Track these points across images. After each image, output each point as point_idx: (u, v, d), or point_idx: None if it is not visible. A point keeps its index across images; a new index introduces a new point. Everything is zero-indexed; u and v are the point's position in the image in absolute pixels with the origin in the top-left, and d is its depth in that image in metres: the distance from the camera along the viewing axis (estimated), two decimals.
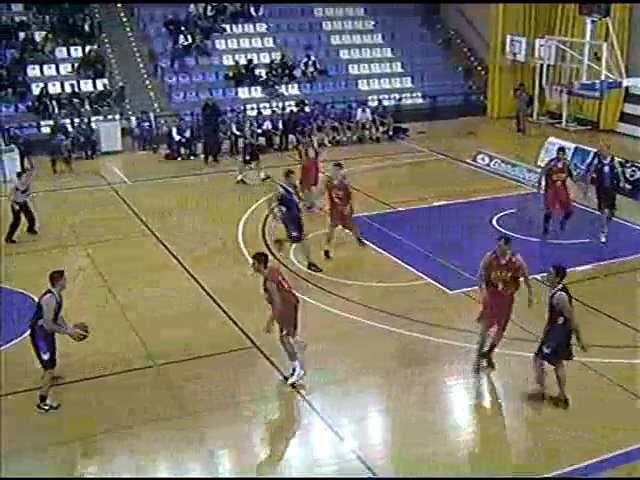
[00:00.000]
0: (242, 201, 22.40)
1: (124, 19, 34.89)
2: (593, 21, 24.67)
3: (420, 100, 34.87)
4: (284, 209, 17.37)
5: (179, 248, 18.77)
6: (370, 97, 33.20)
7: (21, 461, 11.05)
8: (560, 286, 12.00)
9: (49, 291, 12.13)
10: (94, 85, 31.10)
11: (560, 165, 19.28)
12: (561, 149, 20.08)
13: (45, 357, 12.09)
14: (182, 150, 28.15)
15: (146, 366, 13.51)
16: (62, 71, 31.41)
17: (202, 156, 27.77)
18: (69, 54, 32.05)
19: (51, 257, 18.16)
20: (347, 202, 18.06)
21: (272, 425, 12.00)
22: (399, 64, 36.13)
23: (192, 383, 12.96)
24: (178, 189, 24.16)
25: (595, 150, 24.43)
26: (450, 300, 16.19)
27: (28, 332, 12.32)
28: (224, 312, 15.45)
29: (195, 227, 20.43)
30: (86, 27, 32.93)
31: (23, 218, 19.86)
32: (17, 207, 19.69)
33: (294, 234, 17.34)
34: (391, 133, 31.07)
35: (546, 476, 10.61)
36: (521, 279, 13.05)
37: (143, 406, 12.27)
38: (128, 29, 34.55)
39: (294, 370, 12.87)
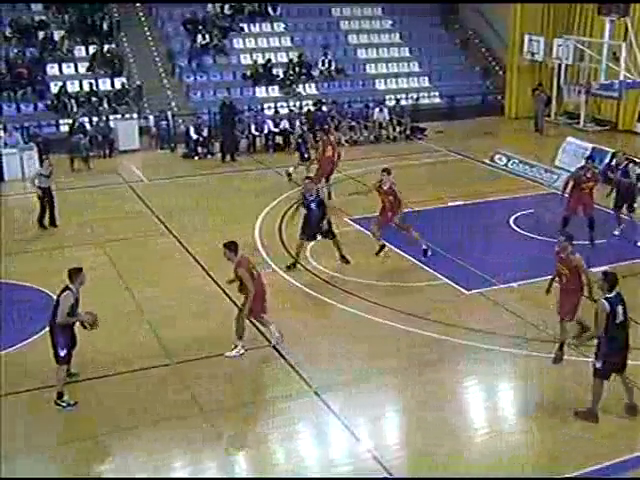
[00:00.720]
0: (259, 200, 22.42)
1: (142, 18, 35.04)
2: (612, 21, 24.54)
3: (438, 100, 34.83)
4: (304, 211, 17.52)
5: (196, 246, 18.82)
6: (387, 97, 33.20)
7: (34, 459, 11.11)
8: (608, 294, 11.53)
9: (67, 287, 12.19)
10: (112, 84, 31.24)
11: (589, 175, 19.04)
12: (589, 158, 19.90)
13: (62, 353, 12.16)
14: (200, 149, 28.21)
15: (163, 364, 13.54)
16: (81, 70, 31.57)
17: (219, 155, 27.83)
18: (87, 53, 32.18)
19: (68, 255, 18.26)
20: (397, 207, 17.98)
21: (288, 425, 11.98)
22: (416, 64, 36.10)
23: (208, 382, 12.99)
24: (195, 188, 24.23)
25: (613, 151, 24.42)
26: (467, 300, 16.16)
27: (47, 328, 12.39)
28: (240, 311, 15.42)
29: (212, 226, 20.45)
30: (105, 26, 33.08)
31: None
32: (40, 192, 20.17)
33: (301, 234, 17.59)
34: (408, 133, 31.04)
35: (564, 476, 10.57)
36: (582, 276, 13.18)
37: (159, 404, 12.31)
38: (146, 28, 34.68)
39: (235, 347, 13.71)
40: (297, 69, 33.51)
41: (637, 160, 21.20)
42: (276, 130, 29.38)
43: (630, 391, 12.01)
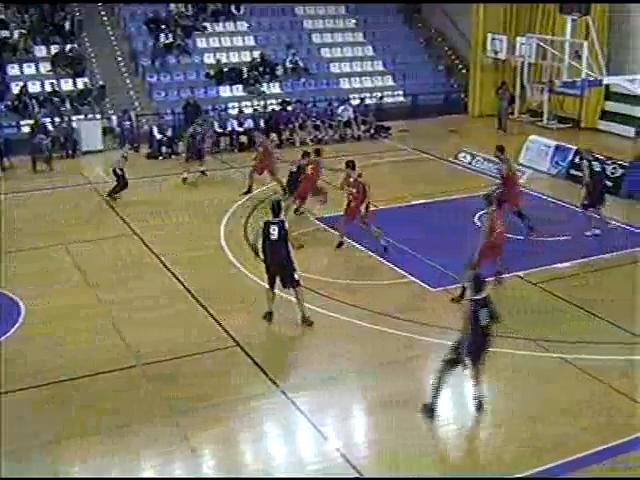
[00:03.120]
0: (224, 199, 22.33)
1: (104, 18, 34.71)
2: (573, 20, 24.76)
3: (402, 98, 34.90)
4: None
5: (161, 247, 18.69)
6: (352, 95, 33.22)
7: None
8: (475, 296, 11.64)
9: None
10: (74, 84, 30.91)
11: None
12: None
13: None
14: (163, 149, 28.05)
15: (129, 366, 13.43)
16: (42, 70, 31.20)
17: (184, 155, 27.64)
18: (49, 53, 31.82)
19: (31, 257, 18.07)
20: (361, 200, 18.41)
21: (256, 425, 11.94)
22: (380, 62, 36.15)
23: (175, 383, 12.91)
24: (160, 188, 24.06)
25: (576, 148, 24.66)
26: (433, 298, 16.21)
27: None
28: (207, 311, 15.39)
29: (177, 226, 20.35)
30: (66, 26, 32.71)
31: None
32: (120, 172, 22.28)
33: None
34: (373, 132, 31.08)
35: (529, 474, 10.62)
36: None
37: (127, 406, 12.20)
38: (109, 28, 34.35)
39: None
40: (261, 68, 33.39)
41: (598, 156, 21.41)
42: (240, 129, 29.32)
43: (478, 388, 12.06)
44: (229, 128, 29.37)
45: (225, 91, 32.53)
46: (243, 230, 20.00)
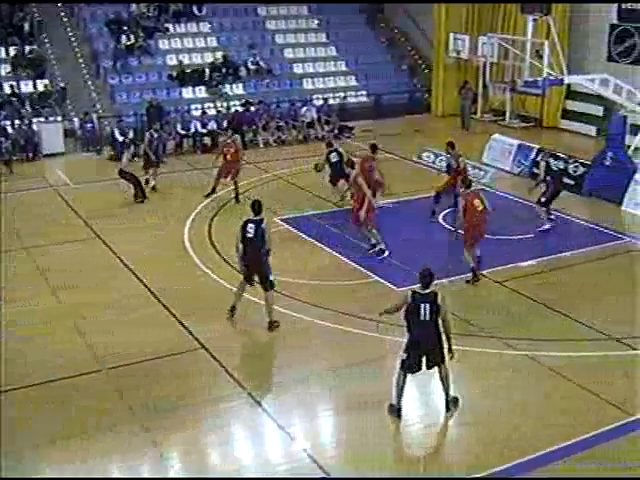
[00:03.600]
0: (187, 201, 22.22)
1: (64, 19, 34.33)
2: (534, 19, 24.94)
3: (365, 99, 34.94)
4: None
5: (124, 250, 18.53)
6: (315, 96, 33.20)
7: None
8: (420, 290, 11.76)
9: None
10: (35, 86, 30.54)
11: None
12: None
13: None
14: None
15: (94, 370, 13.29)
16: (1, 72, 30.80)
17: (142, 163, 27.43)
18: (8, 54, 31.40)
19: None
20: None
21: (223, 427, 11.89)
22: (343, 63, 36.16)
23: (141, 387, 12.80)
24: (123, 190, 23.83)
25: (538, 147, 24.85)
26: (398, 297, 16.15)
27: None
28: (171, 314, 15.28)
29: (141, 228, 20.21)
30: (26, 27, 32.31)
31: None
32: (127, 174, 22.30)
33: None
34: (336, 132, 31.06)
35: (488, 473, 10.66)
36: None
37: (92, 411, 12.06)
38: (69, 29, 33.98)
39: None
40: (223, 69, 33.25)
41: (559, 155, 21.65)
42: (204, 131, 29.18)
43: (446, 387, 12.03)
44: (192, 130, 29.21)
45: (188, 92, 32.33)
46: (207, 232, 19.91)
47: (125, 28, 33.39)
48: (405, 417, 12.13)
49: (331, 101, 32.79)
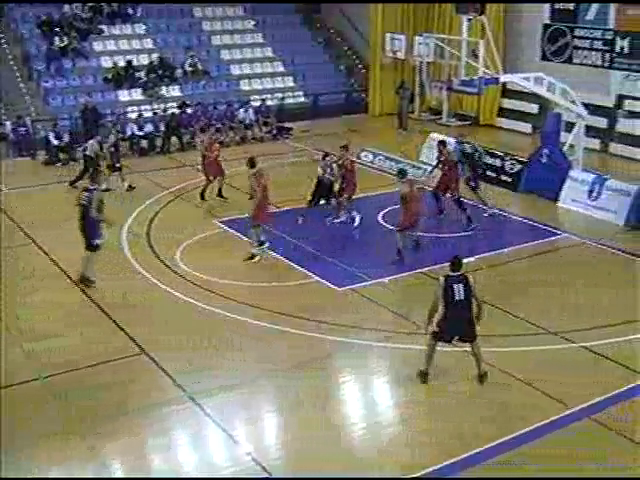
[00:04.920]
0: (125, 205, 21.92)
1: None
2: (469, 19, 25.15)
3: (302, 99, 34.93)
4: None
5: (61, 255, 18.20)
6: (252, 97, 33.08)
7: None
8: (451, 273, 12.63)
9: None
10: None
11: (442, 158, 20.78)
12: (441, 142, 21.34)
13: None
14: (61, 155, 27.40)
15: (31, 379, 13.02)
16: None
17: (82, 161, 27.04)
18: None
19: None
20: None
21: (165, 432, 11.75)
22: (280, 63, 36.08)
23: (81, 394, 12.57)
24: (58, 195, 23.44)
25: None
26: (339, 297, 16.23)
27: None
28: (111, 319, 15.07)
29: (77, 234, 19.82)
30: None
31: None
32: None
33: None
34: (275, 133, 31.02)
35: (434, 469, 10.71)
36: None
37: (32, 421, 11.82)
38: None
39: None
40: (160, 71, 32.93)
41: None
42: (140, 133, 28.85)
43: (478, 362, 12.75)
44: (129, 132, 28.85)
45: (124, 95, 31.94)
46: (146, 235, 19.69)
47: (58, 29, 32.78)
48: (350, 417, 12.17)
49: (269, 102, 32.70)
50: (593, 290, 16.29)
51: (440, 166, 20.73)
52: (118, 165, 24.15)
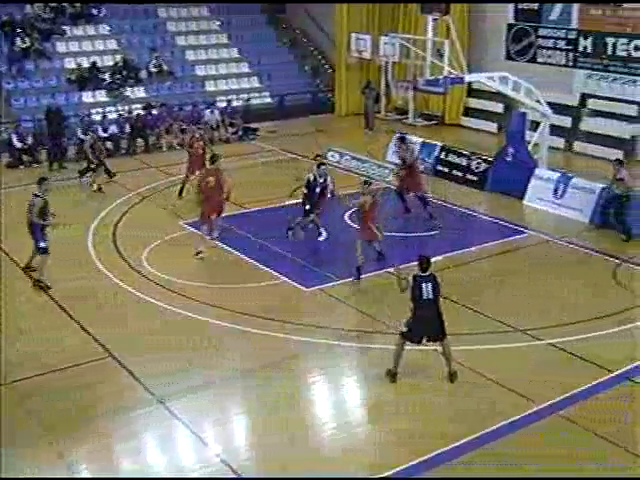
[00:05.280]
0: (91, 207, 21.74)
1: None
2: (434, 19, 25.25)
3: (268, 100, 34.83)
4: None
5: (25, 257, 17.97)
6: (218, 98, 32.93)
7: None
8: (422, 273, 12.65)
9: None
10: None
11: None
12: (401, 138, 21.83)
13: None
14: (24, 158, 27.08)
15: None
16: None
17: (46, 163, 26.81)
18: None
19: None
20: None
21: (134, 435, 11.65)
22: (246, 64, 35.96)
23: (47, 399, 12.45)
24: (22, 199, 23.09)
25: (441, 144, 25.18)
26: (306, 298, 16.21)
27: None
28: (77, 323, 14.92)
29: None
30: None
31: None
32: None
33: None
34: (241, 133, 30.92)
35: (402, 468, 10.71)
36: None
37: None
38: None
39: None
40: (124, 72, 32.68)
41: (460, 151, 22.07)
42: (105, 135, 28.58)
43: (448, 361, 12.80)
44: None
45: (88, 96, 31.61)
46: (111, 237, 19.53)
47: (19, 30, 32.38)
48: (320, 417, 12.15)
49: (235, 103, 32.59)
50: (559, 288, 16.41)
51: (401, 162, 20.80)
52: (92, 166, 24.07)
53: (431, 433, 11.42)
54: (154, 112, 30.15)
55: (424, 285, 12.43)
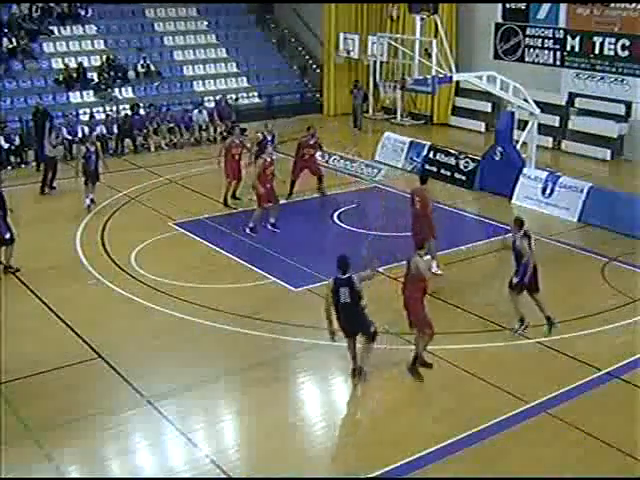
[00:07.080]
0: (80, 208, 21.64)
1: None
2: (422, 19, 25.27)
3: (257, 100, 34.80)
4: None
5: (15, 261, 17.90)
6: (206, 98, 32.89)
7: None
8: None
9: None
10: None
11: (312, 142, 22.41)
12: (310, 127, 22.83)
13: None
14: (12, 158, 26.98)
15: None
16: None
17: (34, 164, 26.71)
18: None
19: None
20: None
21: (123, 437, 11.61)
22: (234, 64, 35.92)
23: (37, 400, 12.41)
24: (9, 200, 23.03)
25: (429, 144, 25.21)
26: (295, 298, 16.20)
27: None
28: (67, 325, 14.87)
29: (30, 239, 19.54)
30: None
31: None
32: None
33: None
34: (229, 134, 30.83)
35: (393, 467, 10.72)
36: None
37: None
38: None
39: None
40: (112, 73, 32.59)
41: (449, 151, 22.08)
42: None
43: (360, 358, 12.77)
44: (80, 135, 28.43)
45: (75, 97, 31.51)
46: (100, 238, 19.47)
47: (6, 30, 32.27)
48: (310, 416, 12.15)
49: (223, 103, 32.53)
50: (547, 286, 16.39)
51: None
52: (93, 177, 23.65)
53: (419, 433, 11.44)
54: (141, 112, 30.06)
55: (342, 289, 12.26)
